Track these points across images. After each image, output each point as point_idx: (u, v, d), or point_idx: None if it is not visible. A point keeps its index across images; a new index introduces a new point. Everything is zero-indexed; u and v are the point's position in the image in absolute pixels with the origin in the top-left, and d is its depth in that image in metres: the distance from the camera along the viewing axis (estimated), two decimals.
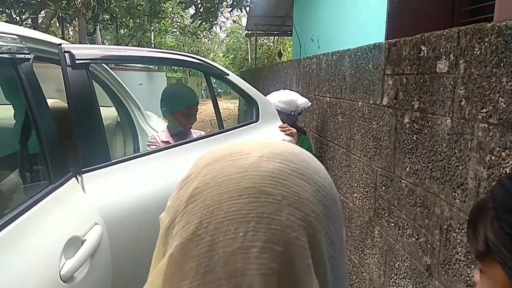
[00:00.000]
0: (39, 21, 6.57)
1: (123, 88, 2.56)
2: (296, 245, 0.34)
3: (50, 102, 1.57)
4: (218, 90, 28.12)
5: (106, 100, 2.63)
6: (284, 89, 4.56)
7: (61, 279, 1.13)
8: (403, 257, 1.71)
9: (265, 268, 0.33)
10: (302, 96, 2.81)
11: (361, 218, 2.16)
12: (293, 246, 0.34)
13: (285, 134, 2.20)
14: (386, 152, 1.84)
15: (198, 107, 2.29)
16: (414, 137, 1.60)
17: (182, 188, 0.40)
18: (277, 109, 2.66)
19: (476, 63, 1.24)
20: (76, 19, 7.27)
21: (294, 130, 2.28)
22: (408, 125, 1.65)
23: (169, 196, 0.44)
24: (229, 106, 16.94)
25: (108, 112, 2.83)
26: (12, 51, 1.36)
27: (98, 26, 9.21)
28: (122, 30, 13.68)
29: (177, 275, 0.35)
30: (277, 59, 12.84)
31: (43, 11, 6.27)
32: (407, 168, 1.66)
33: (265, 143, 0.41)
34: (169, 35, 16.89)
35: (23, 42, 1.46)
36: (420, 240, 1.58)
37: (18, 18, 6.14)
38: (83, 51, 1.60)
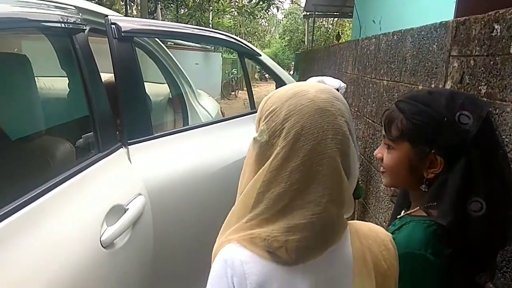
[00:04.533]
0: None
1: (176, 66, 2.59)
2: (346, 133, 0.65)
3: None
4: (266, 75, 27.87)
5: (160, 76, 2.68)
6: (339, 71, 4.40)
7: (102, 244, 1.17)
8: None
9: (335, 147, 0.63)
10: (357, 80, 2.66)
11: None
12: (345, 134, 0.65)
13: None
14: None
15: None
16: None
17: (272, 116, 0.66)
18: None
19: None
20: None
21: None
22: None
23: (211, 170, 1.15)
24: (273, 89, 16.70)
25: (161, 89, 2.89)
26: (69, 21, 1.41)
27: (159, 5, 9.45)
28: (182, 10, 13.94)
29: (288, 157, 0.63)
30: (335, 42, 12.45)
31: None
32: None
33: (310, 84, 0.70)
34: (227, 16, 16.96)
35: (80, 14, 1.50)
36: None
37: None
38: (129, 23, 1.62)
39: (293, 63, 22.25)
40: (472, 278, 0.86)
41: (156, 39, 2.28)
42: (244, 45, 2.13)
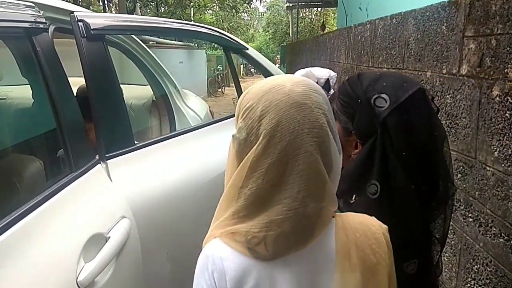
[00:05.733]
0: None
1: (158, 65, 2.36)
2: (323, 126, 0.64)
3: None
4: (251, 70, 27.52)
5: (141, 78, 2.46)
6: (330, 61, 4.21)
7: (79, 286, 0.96)
8: (485, 260, 1.42)
9: (312, 141, 0.63)
10: (357, 70, 2.48)
11: None
12: (322, 127, 0.64)
13: None
14: (465, 133, 1.51)
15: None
16: (506, 114, 1.28)
17: (249, 113, 0.65)
18: None
19: None
20: None
21: None
22: (498, 98, 1.32)
23: (204, 180, 1.07)
24: None
25: (144, 91, 2.67)
26: (25, 20, 1.19)
27: (138, 4, 9.15)
28: (163, 8, 13.59)
29: (264, 154, 0.63)
30: (320, 33, 12.27)
31: None
32: (495, 153, 1.33)
33: (287, 77, 0.69)
34: (208, 11, 16.63)
35: (40, 11, 1.28)
36: (511, 242, 1.28)
37: None
38: (99, 20, 1.40)
39: (278, 56, 22.02)
40: (401, 265, 0.80)
41: (134, 36, 2.07)
42: (229, 39, 1.95)
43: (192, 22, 2.40)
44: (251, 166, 0.64)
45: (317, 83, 2.15)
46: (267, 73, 2.21)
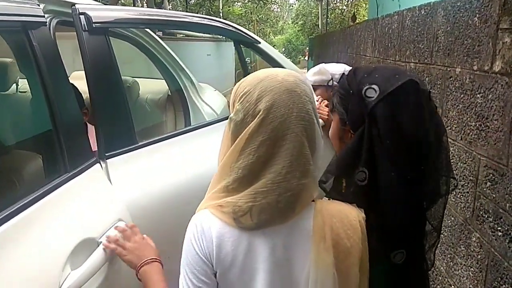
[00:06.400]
0: None
1: (173, 59, 2.30)
2: (309, 112, 0.75)
3: None
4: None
5: (156, 72, 2.41)
6: (356, 55, 4.03)
7: None
8: None
9: (299, 124, 0.73)
10: (381, 63, 2.33)
11: (453, 218, 1.70)
12: (308, 112, 0.74)
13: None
14: (497, 137, 1.36)
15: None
16: None
17: (246, 97, 0.75)
18: (314, 86, 2.23)
19: None
20: None
21: (324, 113, 1.89)
22: None
23: (209, 181, 0.82)
24: None
25: (160, 85, 2.62)
26: (21, 13, 1.14)
27: None
28: (192, 1, 13.60)
29: (257, 132, 0.72)
30: (350, 24, 11.91)
31: None
32: None
33: (279, 69, 0.80)
34: (237, 3, 16.53)
35: (41, 4, 1.24)
36: None
37: None
38: (102, 12, 1.34)
39: (307, 48, 21.67)
40: (387, 255, 0.81)
41: (148, 30, 2.01)
42: (241, 33, 1.86)
43: (203, 15, 2.29)
44: (245, 142, 0.73)
45: (331, 79, 2.05)
46: (281, 68, 2.13)
